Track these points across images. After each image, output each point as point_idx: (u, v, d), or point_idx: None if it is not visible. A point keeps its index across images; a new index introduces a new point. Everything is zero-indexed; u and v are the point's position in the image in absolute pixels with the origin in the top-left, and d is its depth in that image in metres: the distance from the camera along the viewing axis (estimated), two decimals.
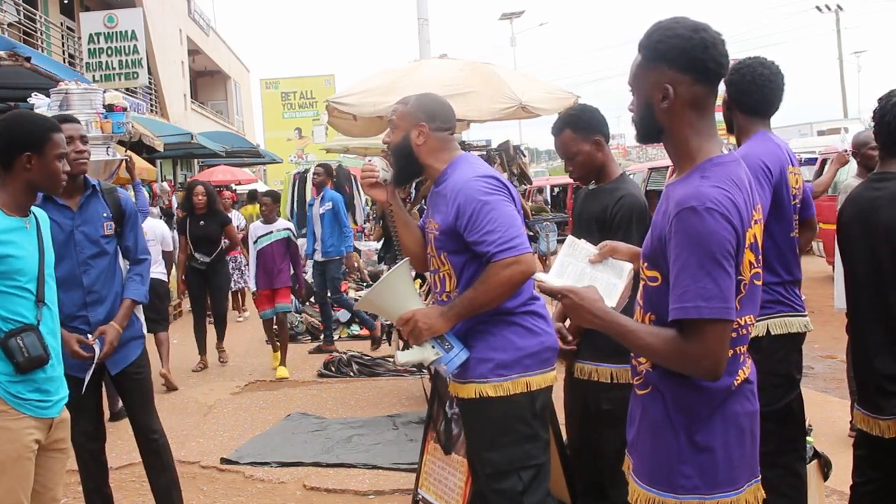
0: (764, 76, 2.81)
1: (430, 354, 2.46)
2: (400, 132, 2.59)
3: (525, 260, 2.36)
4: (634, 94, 1.81)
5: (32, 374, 2.37)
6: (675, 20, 1.74)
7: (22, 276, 2.38)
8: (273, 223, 7.29)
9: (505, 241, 2.34)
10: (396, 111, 2.63)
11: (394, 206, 2.72)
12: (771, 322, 2.72)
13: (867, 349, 2.55)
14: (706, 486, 1.70)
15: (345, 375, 6.90)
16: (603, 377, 2.85)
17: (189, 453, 4.93)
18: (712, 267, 1.59)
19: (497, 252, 2.34)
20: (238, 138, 20.30)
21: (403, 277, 2.53)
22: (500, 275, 2.34)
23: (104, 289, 3.23)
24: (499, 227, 2.36)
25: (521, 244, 2.37)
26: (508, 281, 2.35)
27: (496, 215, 2.37)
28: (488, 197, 2.39)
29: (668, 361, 1.69)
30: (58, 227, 3.05)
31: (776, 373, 2.70)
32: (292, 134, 32.80)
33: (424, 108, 2.58)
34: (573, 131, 2.92)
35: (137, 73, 14.52)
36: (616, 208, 2.84)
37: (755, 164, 2.66)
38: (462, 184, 2.44)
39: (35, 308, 2.40)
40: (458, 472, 3.12)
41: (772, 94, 2.84)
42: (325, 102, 6.28)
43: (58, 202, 3.14)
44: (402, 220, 2.73)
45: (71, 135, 3.13)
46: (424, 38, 9.27)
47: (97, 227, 3.22)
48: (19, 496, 2.33)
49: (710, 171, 1.68)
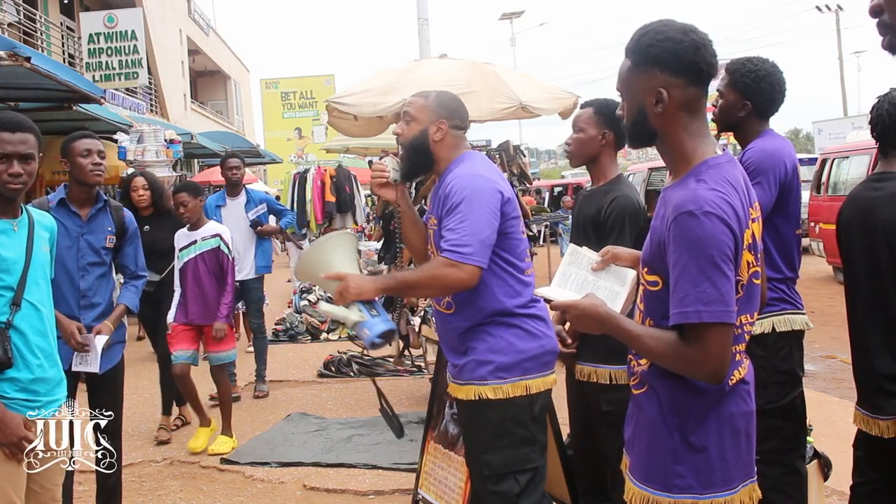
0: (780, 79, 2.82)
1: (353, 315, 2.41)
2: (418, 126, 2.56)
3: (466, 270, 2.31)
4: (624, 99, 1.80)
5: (4, 373, 2.35)
6: (663, 23, 1.73)
7: (8, 275, 2.38)
8: (197, 229, 5.06)
9: (459, 244, 2.32)
10: (414, 104, 2.60)
11: (402, 206, 2.72)
12: (776, 319, 2.72)
13: (867, 349, 2.55)
14: (700, 486, 1.70)
15: (345, 375, 6.90)
16: (602, 378, 2.86)
17: (189, 453, 4.93)
18: (712, 271, 1.59)
19: (447, 249, 2.34)
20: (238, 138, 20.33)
21: (347, 244, 2.56)
22: (437, 269, 2.35)
23: (97, 296, 3.47)
24: (461, 229, 2.33)
25: (472, 254, 2.32)
26: (442, 278, 2.34)
27: (468, 216, 2.35)
28: (473, 196, 2.38)
29: (671, 365, 1.69)
30: (66, 231, 3.35)
31: (780, 370, 2.71)
32: (292, 134, 32.78)
33: (445, 104, 2.58)
34: (594, 113, 2.99)
35: (137, 73, 14.53)
36: (609, 210, 2.85)
37: (779, 161, 2.70)
38: (457, 177, 2.45)
39: (8, 310, 2.38)
40: (458, 472, 3.12)
41: (783, 96, 2.86)
42: (325, 102, 6.28)
43: (70, 209, 3.44)
44: (410, 218, 2.73)
45: (89, 148, 3.39)
46: (424, 38, 9.27)
47: (100, 239, 3.49)
48: (11, 496, 2.32)
49: (705, 173, 1.68)
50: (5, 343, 2.34)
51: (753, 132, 2.83)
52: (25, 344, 2.41)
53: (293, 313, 9.29)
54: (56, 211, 3.37)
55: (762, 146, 2.75)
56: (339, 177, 10.59)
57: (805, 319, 2.80)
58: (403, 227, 2.78)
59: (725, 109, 2.84)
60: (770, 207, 2.69)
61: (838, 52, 32.29)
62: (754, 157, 2.72)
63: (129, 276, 3.69)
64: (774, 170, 2.70)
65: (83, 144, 3.37)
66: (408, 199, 2.73)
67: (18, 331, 2.39)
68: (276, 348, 8.42)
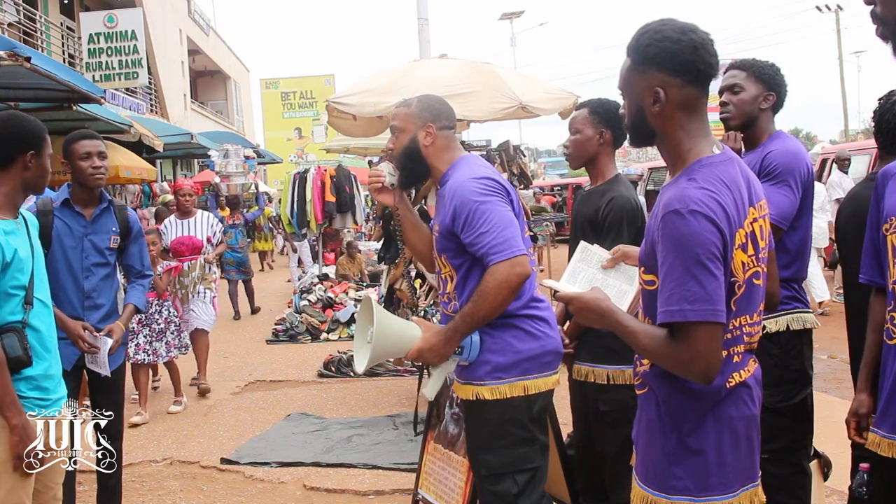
0: (784, 78, 2.83)
1: (450, 366, 2.45)
2: (406, 135, 2.56)
3: (519, 262, 2.31)
4: (625, 98, 1.81)
5: (21, 372, 2.36)
6: (663, 23, 1.73)
7: (23, 275, 2.39)
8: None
9: (498, 242, 2.31)
10: (399, 115, 2.60)
11: (401, 210, 2.70)
12: (790, 318, 2.72)
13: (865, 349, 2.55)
14: (697, 489, 1.69)
15: (345, 375, 6.90)
16: (599, 378, 2.87)
17: (189, 453, 4.93)
18: (697, 269, 1.58)
19: (489, 254, 2.32)
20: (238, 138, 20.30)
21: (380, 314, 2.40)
22: (495, 281, 2.30)
23: (101, 297, 3.44)
24: (493, 229, 2.33)
25: (515, 246, 2.32)
26: (505, 284, 2.30)
27: (490, 217, 2.34)
28: (483, 198, 2.37)
29: (663, 363, 1.69)
30: (70, 231, 3.34)
31: (792, 368, 2.71)
32: (292, 134, 32.77)
33: (429, 108, 2.57)
34: (589, 112, 2.99)
35: (137, 73, 14.54)
36: (607, 210, 2.85)
37: (802, 163, 2.70)
38: (458, 185, 2.43)
39: (22, 309, 2.39)
40: (458, 472, 3.12)
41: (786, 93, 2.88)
42: (325, 102, 6.27)
43: (74, 209, 3.40)
44: (410, 222, 2.71)
45: (89, 151, 3.35)
46: (424, 38, 9.27)
47: (104, 239, 3.46)
48: (21, 496, 2.33)
49: (697, 172, 1.67)
50: (24, 342, 2.36)
51: (766, 130, 2.81)
52: (39, 341, 2.43)
53: (293, 313, 9.29)
54: (60, 211, 3.36)
55: (784, 147, 2.73)
56: (339, 177, 10.59)
57: (814, 318, 2.81)
58: (404, 230, 2.76)
59: (748, 102, 2.78)
60: (797, 208, 2.68)
61: (838, 52, 32.31)
62: (778, 158, 2.69)
63: (135, 275, 3.65)
64: (799, 171, 2.69)
65: (83, 147, 3.34)
66: (407, 203, 2.70)
67: (33, 328, 2.41)
68: (276, 348, 8.44)
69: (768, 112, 2.81)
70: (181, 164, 21.27)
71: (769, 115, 2.82)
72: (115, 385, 3.51)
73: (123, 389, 3.59)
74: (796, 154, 2.72)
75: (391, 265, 6.05)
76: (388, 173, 2.63)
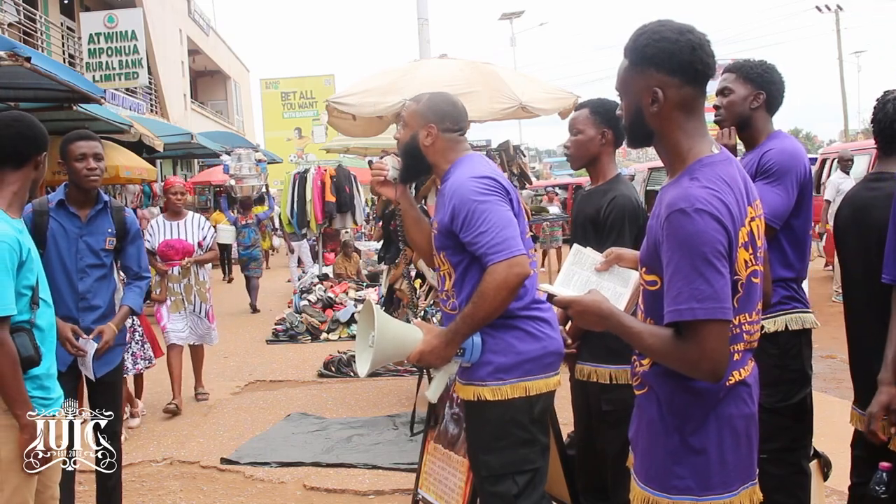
0: (780, 74, 2.83)
1: (452, 368, 2.46)
2: (409, 130, 2.57)
3: (518, 262, 2.30)
4: (623, 98, 1.81)
5: (28, 372, 2.37)
6: (661, 23, 1.74)
7: (32, 275, 2.40)
8: None
9: (497, 242, 2.31)
10: (408, 109, 2.61)
11: (403, 204, 2.71)
12: (789, 317, 2.71)
13: (864, 349, 2.55)
14: (699, 488, 1.70)
15: (345, 375, 6.90)
16: (602, 378, 2.87)
17: (189, 453, 4.94)
18: (705, 268, 1.58)
19: (488, 254, 2.31)
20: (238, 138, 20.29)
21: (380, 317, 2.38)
22: (494, 281, 2.30)
23: (96, 298, 3.42)
24: (492, 229, 2.32)
25: (514, 246, 2.31)
26: (504, 285, 2.29)
27: (489, 216, 2.33)
28: (482, 198, 2.36)
29: (670, 363, 1.68)
30: (65, 233, 3.32)
31: (792, 368, 2.71)
32: (292, 134, 32.74)
33: (435, 108, 2.55)
34: (590, 112, 2.99)
35: (137, 73, 14.52)
36: (608, 210, 2.85)
37: (800, 163, 2.70)
38: (458, 184, 2.42)
39: (30, 309, 2.40)
40: (458, 472, 3.12)
41: (784, 91, 2.86)
42: (325, 102, 6.27)
43: (70, 210, 3.37)
44: (412, 216, 2.72)
45: (85, 152, 3.33)
46: (424, 38, 9.26)
47: (99, 240, 3.43)
48: (25, 496, 2.33)
49: (699, 171, 1.68)
50: (34, 342, 2.37)
51: (763, 130, 2.80)
52: (43, 340, 2.43)
53: (293, 313, 9.29)
54: (55, 212, 3.35)
55: (782, 147, 2.72)
56: (339, 177, 10.59)
57: (813, 318, 2.80)
58: (406, 225, 2.77)
59: (737, 103, 2.78)
60: (791, 208, 2.68)
61: (838, 52, 32.30)
62: (776, 158, 2.69)
63: (132, 276, 3.63)
64: (796, 171, 2.69)
65: (79, 148, 3.31)
66: (409, 198, 2.72)
67: (39, 328, 2.42)
68: (276, 348, 8.45)
69: (762, 111, 2.80)
70: (181, 164, 21.25)
71: (764, 115, 2.81)
72: (113, 386, 3.50)
73: (121, 390, 3.59)
74: (794, 154, 2.71)
75: (391, 265, 6.05)
76: (393, 167, 2.65)
